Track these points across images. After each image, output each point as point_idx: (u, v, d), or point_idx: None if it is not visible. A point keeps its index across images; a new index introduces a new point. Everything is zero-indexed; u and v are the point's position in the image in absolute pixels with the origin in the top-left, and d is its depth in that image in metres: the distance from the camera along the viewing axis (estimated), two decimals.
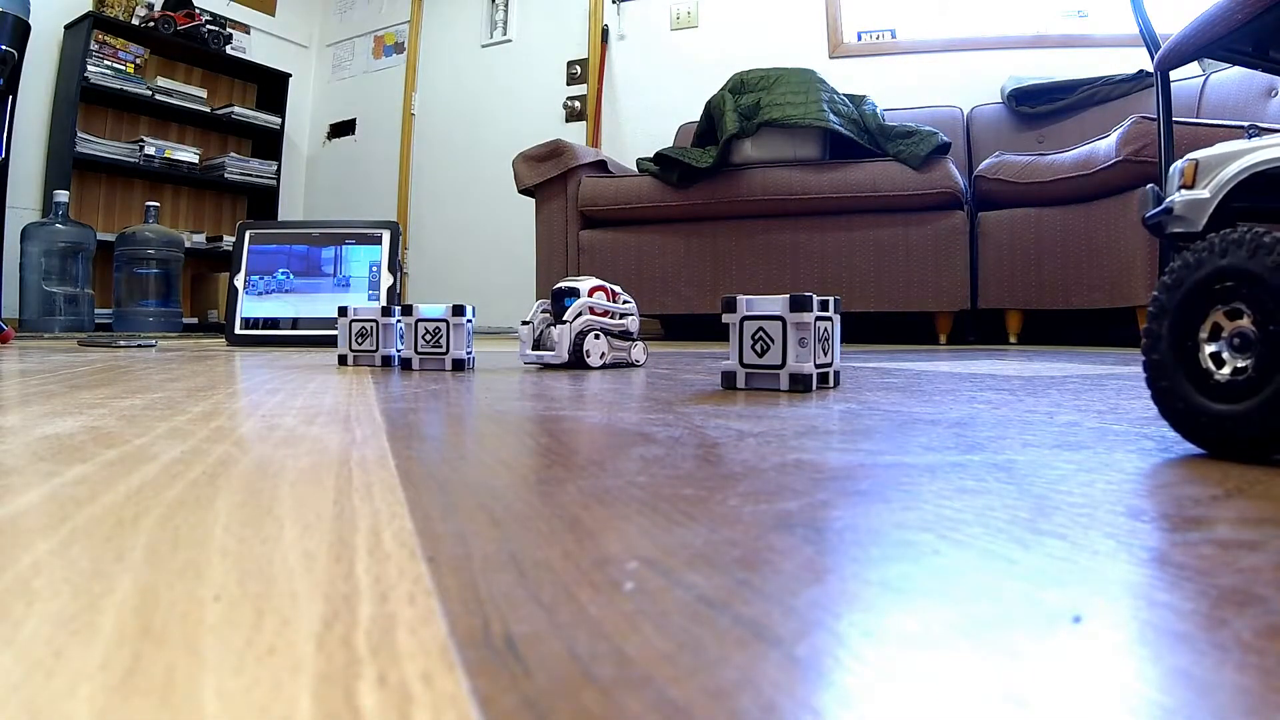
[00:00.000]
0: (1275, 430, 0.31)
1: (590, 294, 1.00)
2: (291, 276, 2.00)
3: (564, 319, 0.97)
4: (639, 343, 1.06)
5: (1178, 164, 0.43)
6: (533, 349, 1.00)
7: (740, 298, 0.69)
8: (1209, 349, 0.35)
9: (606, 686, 0.13)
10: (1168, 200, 0.44)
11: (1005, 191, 2.19)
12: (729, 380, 0.69)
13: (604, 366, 0.99)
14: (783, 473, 0.31)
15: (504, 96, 3.63)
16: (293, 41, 4.10)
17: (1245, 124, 1.90)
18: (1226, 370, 0.34)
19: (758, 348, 0.68)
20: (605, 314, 1.01)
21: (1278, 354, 0.31)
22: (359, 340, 1.05)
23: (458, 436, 0.41)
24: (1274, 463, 0.33)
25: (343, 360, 1.06)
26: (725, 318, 0.70)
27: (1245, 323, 0.33)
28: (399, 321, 1.02)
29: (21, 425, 0.43)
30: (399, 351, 1.03)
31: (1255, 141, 0.41)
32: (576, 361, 0.97)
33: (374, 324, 1.04)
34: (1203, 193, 0.43)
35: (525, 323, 1.02)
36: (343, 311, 1.07)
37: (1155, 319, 0.36)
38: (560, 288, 1.01)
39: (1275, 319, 0.31)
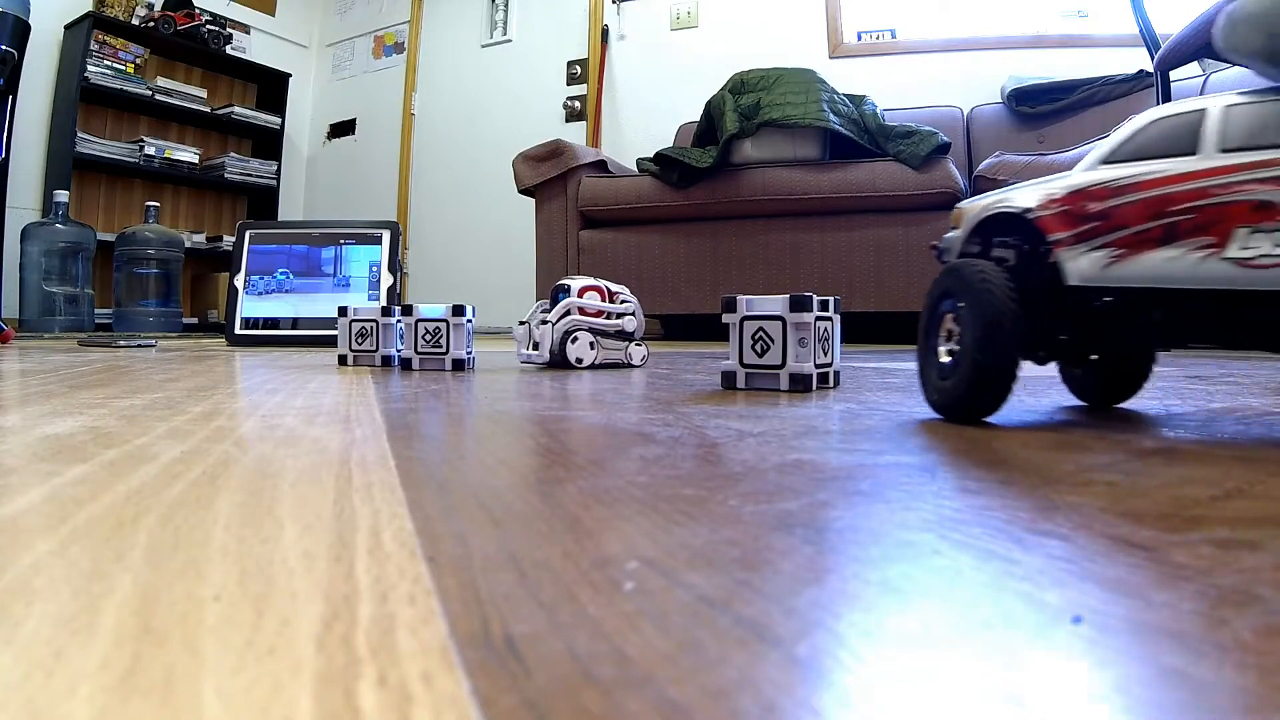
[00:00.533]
0: (964, 398, 0.45)
1: (581, 294, 0.99)
2: (291, 276, 2.00)
3: (547, 319, 0.97)
4: (640, 345, 1.05)
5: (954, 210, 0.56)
6: (529, 349, 1.00)
7: (740, 298, 0.70)
8: (941, 346, 0.49)
9: (606, 686, 0.13)
10: (944, 238, 0.57)
11: None
12: (729, 380, 0.69)
13: (596, 367, 0.98)
14: (783, 473, 0.31)
15: (504, 96, 3.63)
16: (293, 41, 4.10)
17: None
18: (947, 358, 0.49)
19: (758, 348, 0.68)
20: (598, 314, 1.01)
21: (965, 345, 0.46)
22: (359, 340, 1.05)
23: (458, 436, 0.41)
24: (1274, 462, 0.33)
25: (343, 360, 1.06)
26: (725, 318, 0.70)
27: (952, 323, 0.48)
28: (399, 321, 1.02)
29: (21, 425, 0.43)
30: (399, 351, 1.03)
31: (992, 194, 0.52)
32: (562, 361, 0.97)
33: (374, 324, 1.04)
34: (959, 232, 0.54)
35: (522, 323, 1.02)
36: (343, 311, 1.07)
37: (919, 328, 0.51)
38: (556, 285, 1.00)
39: (964, 320, 0.46)
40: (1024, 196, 0.48)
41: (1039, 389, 0.68)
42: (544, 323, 0.97)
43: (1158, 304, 0.43)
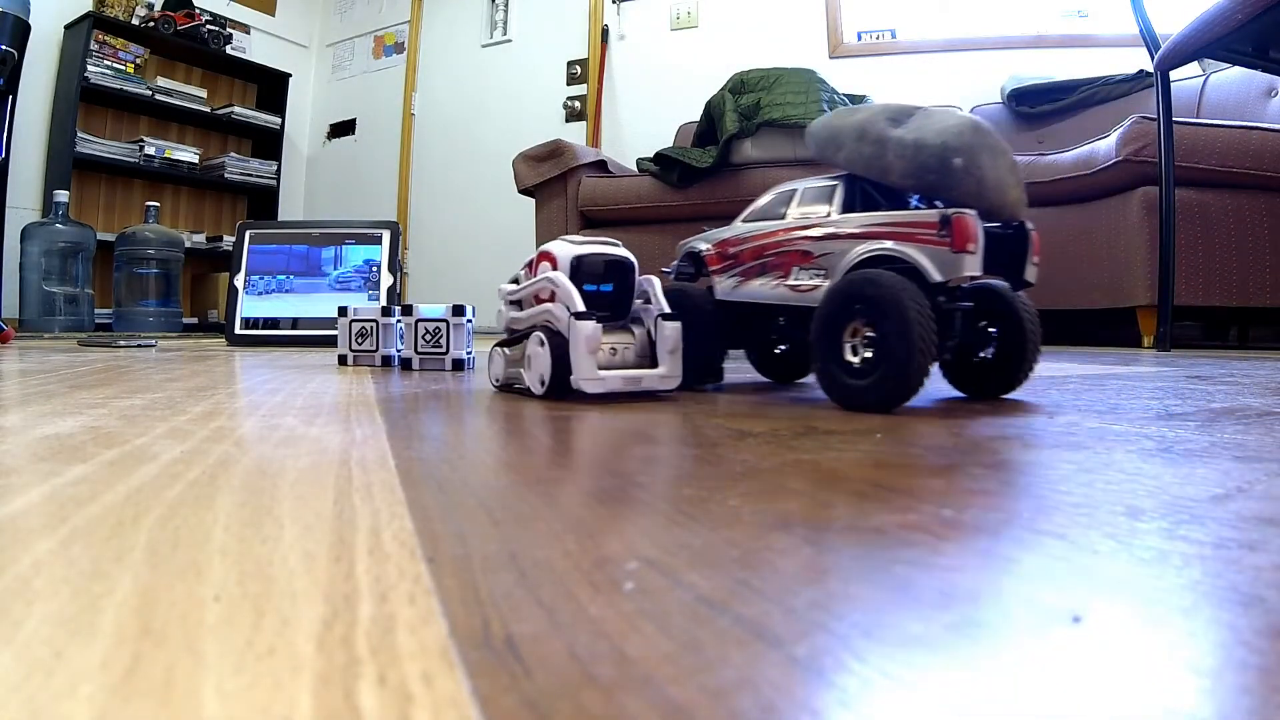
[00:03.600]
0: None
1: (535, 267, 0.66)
2: (291, 277, 2.00)
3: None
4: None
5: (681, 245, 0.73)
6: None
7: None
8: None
9: (606, 686, 0.13)
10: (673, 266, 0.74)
11: None
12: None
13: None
14: (783, 473, 0.31)
15: (504, 96, 3.63)
16: (293, 41, 4.10)
17: (1246, 125, 1.89)
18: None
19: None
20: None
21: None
22: (359, 340, 1.06)
23: (458, 436, 0.41)
24: (1274, 462, 0.33)
25: (343, 360, 1.06)
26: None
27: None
28: (399, 321, 1.02)
29: (21, 425, 0.43)
30: (399, 351, 1.03)
31: (694, 238, 0.72)
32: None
33: (374, 324, 1.04)
34: (675, 262, 0.74)
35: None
36: (343, 311, 1.07)
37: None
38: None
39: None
40: (703, 242, 0.70)
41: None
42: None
43: (756, 313, 0.65)
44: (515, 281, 0.68)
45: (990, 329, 0.60)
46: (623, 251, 0.64)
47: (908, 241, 0.52)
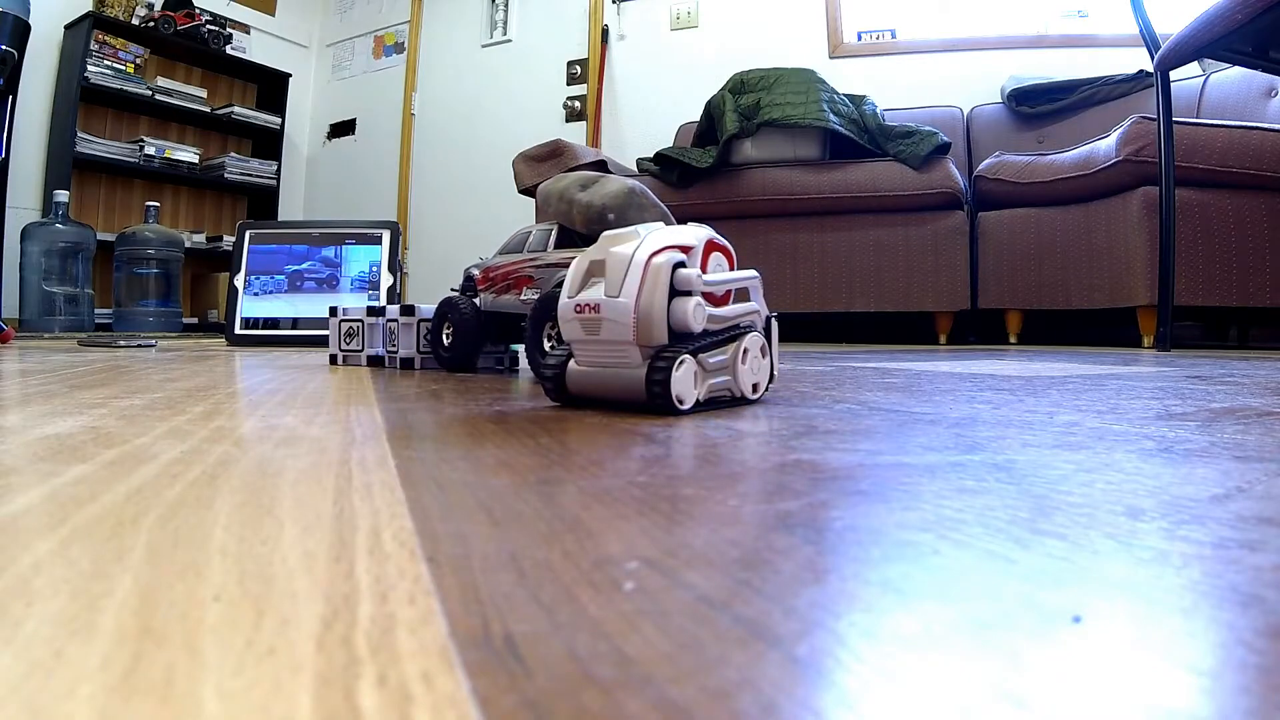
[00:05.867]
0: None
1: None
2: (294, 278, 2.00)
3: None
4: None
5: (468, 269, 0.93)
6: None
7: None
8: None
9: (606, 686, 0.13)
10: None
11: (1005, 191, 2.19)
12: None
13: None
14: (783, 473, 0.31)
15: (504, 96, 3.63)
16: (293, 41, 4.10)
17: (1246, 125, 1.89)
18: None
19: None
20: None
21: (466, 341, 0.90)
22: (347, 340, 1.07)
23: (458, 436, 0.41)
24: (1274, 462, 0.33)
25: (334, 360, 1.07)
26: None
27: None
28: (387, 321, 1.02)
29: (21, 425, 0.43)
30: (388, 351, 1.03)
31: (476, 261, 0.92)
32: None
33: (360, 324, 1.05)
34: (462, 281, 0.94)
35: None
36: (333, 312, 1.08)
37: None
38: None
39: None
40: (475, 268, 0.89)
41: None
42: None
43: (508, 319, 0.88)
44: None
45: None
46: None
47: None
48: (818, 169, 2.24)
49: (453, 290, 0.94)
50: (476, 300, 0.89)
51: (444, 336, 0.92)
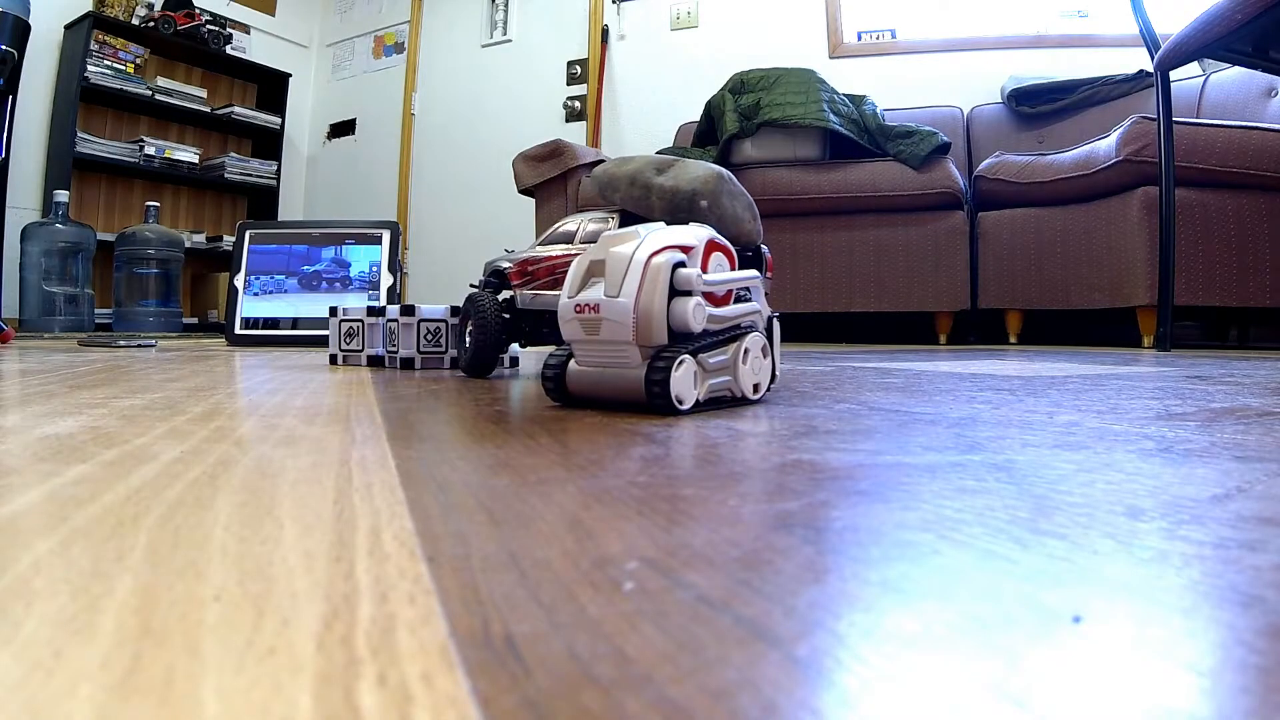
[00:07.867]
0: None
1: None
2: (291, 277, 2.00)
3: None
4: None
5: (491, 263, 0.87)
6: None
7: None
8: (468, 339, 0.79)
9: (606, 686, 0.13)
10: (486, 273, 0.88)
11: (1005, 191, 2.19)
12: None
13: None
14: (783, 473, 0.31)
15: (504, 96, 3.63)
16: (293, 41, 4.10)
17: (1246, 125, 1.89)
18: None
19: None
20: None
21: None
22: (347, 340, 1.07)
23: (458, 436, 0.41)
24: (1274, 462, 0.33)
25: (334, 360, 1.07)
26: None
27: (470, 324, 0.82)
28: (387, 322, 1.02)
29: (21, 425, 0.43)
30: (389, 351, 1.03)
31: (499, 257, 0.86)
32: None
33: (360, 324, 1.05)
34: (482, 277, 0.87)
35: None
36: (333, 312, 1.08)
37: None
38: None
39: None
40: (505, 261, 0.84)
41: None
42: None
43: (547, 317, 0.79)
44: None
45: None
46: None
47: None
48: (818, 169, 2.24)
49: (472, 286, 0.87)
50: (500, 297, 0.82)
51: (467, 337, 0.85)
